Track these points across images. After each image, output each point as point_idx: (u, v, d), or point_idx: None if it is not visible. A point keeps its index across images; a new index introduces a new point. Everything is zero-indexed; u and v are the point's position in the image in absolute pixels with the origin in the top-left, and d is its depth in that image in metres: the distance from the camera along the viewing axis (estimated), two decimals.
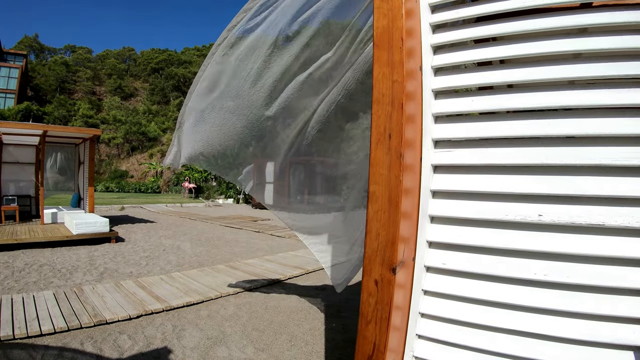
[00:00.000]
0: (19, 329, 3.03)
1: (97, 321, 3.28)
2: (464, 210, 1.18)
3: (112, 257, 6.29)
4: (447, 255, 1.21)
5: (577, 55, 1.11)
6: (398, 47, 1.12)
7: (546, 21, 1.08)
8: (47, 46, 57.13)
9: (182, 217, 13.14)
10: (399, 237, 1.10)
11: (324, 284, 5.06)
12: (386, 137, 1.11)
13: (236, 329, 3.46)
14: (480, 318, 1.14)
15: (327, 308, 4.19)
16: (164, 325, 3.42)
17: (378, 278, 1.12)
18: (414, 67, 1.17)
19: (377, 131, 1.12)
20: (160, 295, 4.08)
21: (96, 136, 9.30)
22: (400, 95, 1.09)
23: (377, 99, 1.13)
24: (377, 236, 1.12)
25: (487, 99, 1.16)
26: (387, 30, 1.14)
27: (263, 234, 9.53)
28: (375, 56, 1.16)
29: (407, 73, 1.11)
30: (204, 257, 6.61)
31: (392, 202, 1.09)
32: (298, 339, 3.35)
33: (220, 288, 4.46)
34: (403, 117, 1.08)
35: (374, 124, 1.13)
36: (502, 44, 1.16)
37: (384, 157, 1.11)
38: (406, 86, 1.10)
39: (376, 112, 1.13)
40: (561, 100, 1.08)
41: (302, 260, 6.24)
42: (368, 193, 1.13)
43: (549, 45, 1.08)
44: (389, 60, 1.13)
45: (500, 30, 1.15)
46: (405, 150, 1.09)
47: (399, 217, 1.09)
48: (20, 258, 5.93)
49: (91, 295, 3.95)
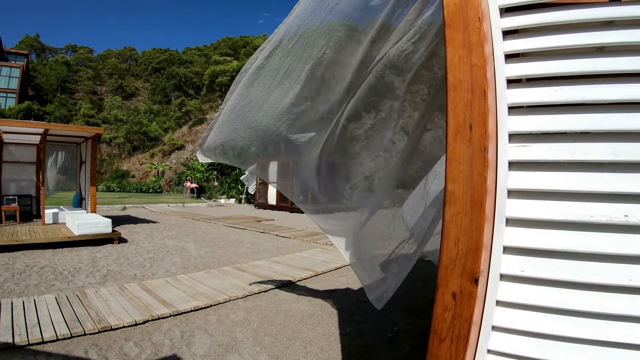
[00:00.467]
0: (19, 335, 2.87)
1: (101, 327, 3.11)
2: (543, 212, 1.04)
3: (115, 258, 6.12)
4: (524, 261, 1.06)
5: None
6: (475, 28, 1.00)
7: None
8: (48, 46, 57.02)
9: (185, 217, 12.99)
10: (482, 243, 0.95)
11: (335, 286, 4.89)
12: (466, 129, 0.97)
13: (247, 334, 3.29)
14: (561, 329, 1.02)
15: (339, 312, 4.02)
16: (171, 331, 3.26)
17: (456, 290, 0.98)
18: (489, 52, 1.05)
19: (455, 121, 0.98)
20: (167, 299, 3.91)
21: (98, 135, 9.13)
22: (481, 81, 0.97)
23: (454, 85, 1.00)
24: (457, 242, 0.97)
25: (572, 90, 1.01)
26: (461, 9, 1.02)
27: (268, 234, 9.36)
28: (448, 37, 1.03)
29: (487, 57, 1.00)
30: (209, 258, 6.45)
31: (475, 203, 0.95)
32: (313, 344, 3.19)
33: (228, 291, 4.29)
34: (486, 106, 0.96)
35: (451, 113, 0.99)
36: (588, 30, 1.00)
37: (464, 151, 0.97)
38: (487, 71, 0.98)
39: (453, 99, 0.99)
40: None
41: (310, 261, 6.07)
42: (445, 192, 0.98)
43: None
44: (465, 41, 1.00)
45: (586, 16, 0.99)
46: (488, 143, 0.94)
47: (483, 220, 0.96)
48: (21, 259, 5.77)
49: (94, 299, 3.78)
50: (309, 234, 9.34)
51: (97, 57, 58.17)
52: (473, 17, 1.01)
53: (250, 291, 4.36)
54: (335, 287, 4.89)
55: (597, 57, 1.02)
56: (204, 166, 25.88)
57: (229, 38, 57.20)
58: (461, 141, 0.99)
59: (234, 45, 53.68)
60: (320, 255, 6.66)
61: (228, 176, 24.17)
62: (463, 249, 0.98)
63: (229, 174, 24.24)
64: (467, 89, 0.99)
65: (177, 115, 44.03)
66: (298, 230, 9.95)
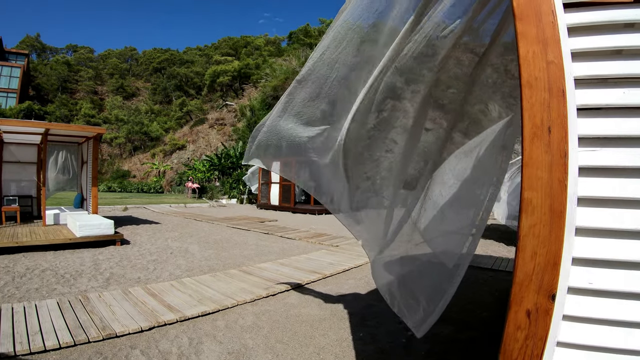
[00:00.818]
0: (20, 344, 2.73)
1: (105, 335, 2.98)
2: (613, 221, 0.95)
3: (117, 261, 5.99)
4: (594, 273, 0.95)
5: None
6: (549, 22, 0.91)
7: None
8: (48, 46, 56.98)
9: (187, 217, 12.86)
10: (561, 256, 0.85)
11: (344, 289, 4.76)
12: (544, 131, 0.88)
13: (258, 341, 3.16)
14: (632, 343, 0.94)
15: (350, 316, 3.89)
16: (179, 338, 3.12)
17: (532, 308, 0.89)
18: (560, 49, 0.96)
19: (532, 123, 0.89)
20: (173, 303, 3.78)
21: (100, 134, 9.00)
22: (559, 80, 0.89)
23: (529, 83, 0.90)
24: (534, 256, 0.87)
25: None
26: (533, 0, 0.94)
27: (272, 235, 9.23)
28: (520, 31, 0.94)
29: (565, 54, 0.92)
30: (214, 260, 6.31)
31: (555, 213, 0.85)
32: (326, 351, 3.05)
33: (235, 295, 4.16)
34: (565, 107, 0.88)
35: (527, 113, 0.89)
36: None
37: (542, 156, 0.88)
38: (564, 69, 0.90)
39: (529, 99, 0.90)
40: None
41: (317, 264, 5.93)
42: (521, 201, 0.87)
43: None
44: (539, 36, 0.91)
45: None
46: (568, 148, 0.84)
47: (562, 231, 0.87)
48: (21, 262, 5.64)
49: (98, 305, 3.65)
50: (314, 235, 9.21)
51: (97, 57, 58.14)
52: (546, 10, 0.93)
53: (258, 295, 4.22)
54: (344, 290, 4.75)
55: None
56: (205, 166, 25.76)
57: (229, 38, 57.11)
58: (539, 145, 0.90)
59: (235, 45, 53.58)
60: (327, 257, 6.52)
61: (229, 176, 24.04)
62: (540, 262, 0.88)
63: (230, 174, 24.11)
64: (544, 87, 0.90)
65: (178, 115, 43.94)
66: (303, 232, 9.82)
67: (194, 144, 37.60)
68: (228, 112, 39.51)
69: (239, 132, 29.16)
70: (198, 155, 34.36)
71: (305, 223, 12.23)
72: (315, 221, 12.99)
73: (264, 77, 28.97)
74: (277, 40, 53.51)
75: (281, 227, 10.90)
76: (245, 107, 31.03)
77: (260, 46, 49.54)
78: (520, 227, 0.90)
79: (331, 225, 11.59)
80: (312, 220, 13.44)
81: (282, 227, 10.71)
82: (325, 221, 13.06)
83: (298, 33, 40.95)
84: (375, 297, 4.41)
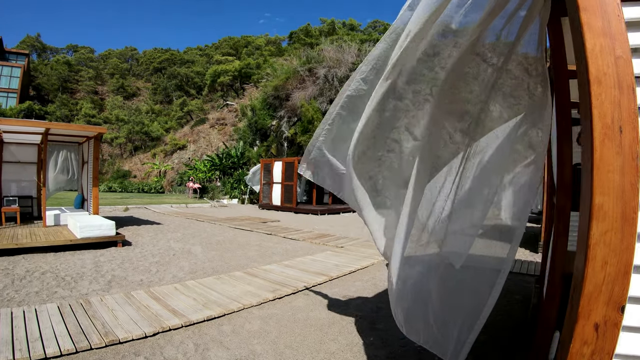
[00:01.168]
0: (19, 351, 2.62)
1: (108, 341, 2.86)
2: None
3: (119, 263, 5.88)
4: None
5: None
6: (615, 15, 0.84)
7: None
8: (49, 46, 56.87)
9: (189, 218, 12.75)
10: (632, 264, 0.74)
11: (351, 292, 4.65)
12: (615, 131, 0.80)
13: (266, 347, 3.05)
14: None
15: (359, 320, 3.78)
16: (184, 344, 3.01)
17: (600, 321, 0.81)
18: (628, 43, 0.89)
19: (602, 122, 0.80)
20: (177, 308, 3.66)
21: (100, 134, 8.87)
22: (629, 77, 0.82)
23: (598, 79, 0.82)
24: (604, 265, 0.76)
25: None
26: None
27: (275, 236, 9.12)
28: (584, 22, 0.86)
29: (633, 48, 0.87)
30: (218, 262, 6.20)
31: (627, 219, 0.77)
32: (337, 357, 2.94)
33: (241, 299, 4.04)
34: (635, 105, 0.81)
35: (596, 111, 0.81)
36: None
37: (614, 158, 0.80)
38: (633, 64, 0.83)
39: (598, 96, 0.82)
40: None
41: (322, 265, 5.82)
42: (591, 207, 0.77)
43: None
44: (605, 29, 0.84)
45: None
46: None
47: (634, 238, 0.77)
48: (21, 264, 5.53)
49: (100, 309, 3.54)
50: (317, 235, 9.10)
51: (98, 57, 58.05)
52: (612, 2, 0.86)
53: (264, 298, 4.11)
54: (352, 292, 4.64)
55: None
56: (206, 166, 25.65)
57: (230, 38, 57.00)
58: (610, 146, 0.82)
59: (236, 45, 53.47)
60: (332, 258, 6.41)
61: (230, 176, 23.92)
62: (611, 272, 0.78)
63: (232, 174, 24.00)
64: (614, 84, 0.82)
65: (178, 115, 43.83)
66: (306, 232, 9.70)
67: (194, 143, 37.49)
68: (229, 112, 39.40)
69: (239, 132, 29.04)
70: (199, 155, 34.25)
71: (307, 223, 12.12)
72: (317, 221, 12.88)
73: (265, 76, 28.83)
74: (278, 40, 53.38)
75: (284, 227, 10.79)
76: (246, 106, 30.89)
77: (260, 46, 49.40)
78: (590, 235, 0.80)
79: (334, 226, 11.49)
80: (315, 220, 13.33)
81: (284, 228, 10.60)
82: (328, 221, 12.95)
83: (299, 33, 40.80)
84: (383, 300, 4.29)
